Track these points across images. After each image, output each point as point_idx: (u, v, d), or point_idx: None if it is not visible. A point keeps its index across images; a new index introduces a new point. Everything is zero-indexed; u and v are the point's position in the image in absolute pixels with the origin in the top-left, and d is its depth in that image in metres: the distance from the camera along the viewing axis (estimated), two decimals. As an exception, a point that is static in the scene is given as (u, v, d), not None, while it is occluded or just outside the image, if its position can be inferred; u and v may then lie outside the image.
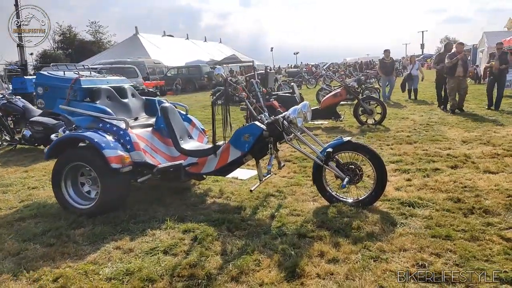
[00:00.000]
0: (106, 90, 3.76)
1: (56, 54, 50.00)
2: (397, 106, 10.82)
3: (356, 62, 16.37)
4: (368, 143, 5.94)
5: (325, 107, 7.88)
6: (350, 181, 3.31)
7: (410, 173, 4.36)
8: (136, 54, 31.99)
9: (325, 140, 6.51)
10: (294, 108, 3.29)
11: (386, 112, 7.75)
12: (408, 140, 6.15)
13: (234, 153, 3.44)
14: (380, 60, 12.80)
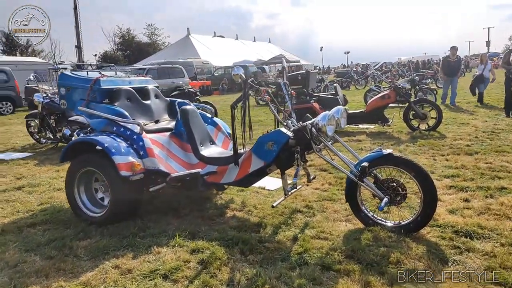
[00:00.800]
0: (127, 91, 3.55)
1: (116, 55, 52.98)
2: (457, 110, 9.76)
3: (409, 61, 15.12)
4: (417, 154, 5.26)
5: (371, 110, 7.21)
6: (390, 201, 2.79)
7: (468, 191, 3.69)
8: (187, 55, 32.85)
9: (368, 147, 5.90)
10: (325, 114, 2.83)
11: (442, 117, 6.91)
12: (467, 150, 5.35)
13: (257, 163, 3.06)
14: (444, 58, 11.18)
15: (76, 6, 17.84)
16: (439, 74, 18.39)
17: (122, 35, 56.34)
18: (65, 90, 3.53)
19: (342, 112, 3.05)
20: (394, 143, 6.06)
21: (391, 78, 9.62)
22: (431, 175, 2.81)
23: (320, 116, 2.82)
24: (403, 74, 20.72)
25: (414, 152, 5.43)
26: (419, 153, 5.41)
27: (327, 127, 2.77)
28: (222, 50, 45.05)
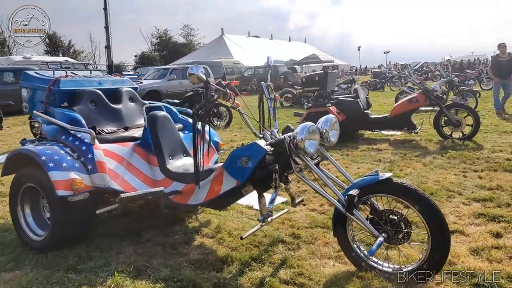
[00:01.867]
0: (91, 94, 3.13)
1: (152, 56, 54.23)
2: (501, 116, 8.64)
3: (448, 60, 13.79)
4: (445, 169, 4.48)
5: (397, 115, 6.41)
6: (388, 240, 2.15)
7: (502, 222, 2.94)
8: (220, 55, 32.78)
9: (388, 158, 5.17)
10: (304, 125, 2.23)
11: (479, 125, 5.99)
12: (507, 165, 4.49)
13: (229, 182, 2.51)
14: (493, 57, 9.69)
15: (106, 7, 18.13)
16: (485, 75, 16.92)
17: (159, 36, 57.54)
18: (26, 92, 3.17)
19: (333, 123, 2.44)
20: (420, 154, 5.27)
21: (421, 80, 8.66)
22: (458, 197, 2.14)
23: (299, 128, 2.23)
24: (443, 75, 19.22)
25: (442, 166, 4.64)
26: (447, 167, 4.62)
27: (306, 142, 2.18)
28: (255, 50, 44.74)
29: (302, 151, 2.18)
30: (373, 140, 6.55)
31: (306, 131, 2.17)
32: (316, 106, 6.63)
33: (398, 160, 5.04)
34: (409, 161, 4.99)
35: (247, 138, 7.27)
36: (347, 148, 5.91)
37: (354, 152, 5.61)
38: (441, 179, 4.17)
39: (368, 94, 17.05)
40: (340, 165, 4.95)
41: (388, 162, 4.99)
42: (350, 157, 5.38)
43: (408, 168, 4.68)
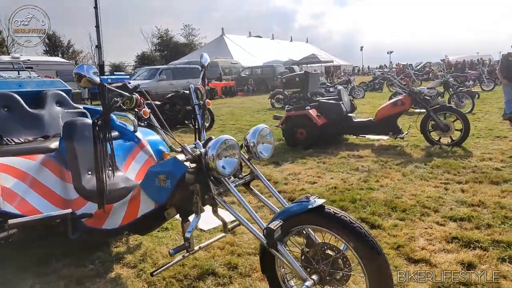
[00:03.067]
0: (3, 97, 2.72)
1: (153, 56, 54.03)
2: (494, 118, 8.16)
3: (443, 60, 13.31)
4: (425, 180, 4.03)
5: (381, 118, 5.97)
6: (322, 282, 1.72)
7: (477, 249, 2.51)
8: (221, 55, 32.39)
9: (367, 167, 4.72)
10: (218, 139, 1.80)
11: (469, 129, 5.53)
12: (494, 176, 4.04)
13: (146, 204, 2.10)
14: (504, 57, 8.36)
15: (97, 5, 17.85)
16: (486, 76, 16.38)
17: (160, 36, 57.39)
18: None
19: (264, 135, 2.02)
20: (402, 162, 4.83)
21: (406, 81, 8.19)
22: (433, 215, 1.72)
23: (212, 142, 1.80)
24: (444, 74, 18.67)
25: (422, 177, 4.20)
26: (428, 178, 4.18)
27: (217, 162, 1.75)
28: (256, 50, 44.40)
29: (215, 171, 1.76)
30: (356, 145, 6.11)
31: (219, 147, 1.75)
32: (296, 109, 6.20)
33: (376, 169, 4.60)
34: (389, 170, 4.55)
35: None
36: (326, 154, 5.48)
37: (332, 159, 5.18)
38: (419, 192, 3.73)
39: (364, 95, 16.66)
40: (313, 174, 4.57)
41: (366, 171, 4.55)
42: (327, 165, 4.94)
43: (386, 178, 4.24)
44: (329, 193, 3.79)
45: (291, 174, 4.56)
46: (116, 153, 2.77)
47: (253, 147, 1.93)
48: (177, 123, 8.76)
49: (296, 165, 5.00)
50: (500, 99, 12.20)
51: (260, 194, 2.07)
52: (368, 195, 3.65)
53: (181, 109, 8.62)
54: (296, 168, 4.81)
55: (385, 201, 3.47)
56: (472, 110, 9.28)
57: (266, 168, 4.88)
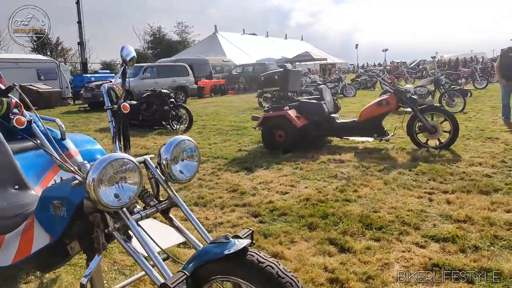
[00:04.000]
0: None
1: (145, 54, 53.37)
2: (486, 117, 7.80)
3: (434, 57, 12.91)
4: (409, 189, 3.63)
5: (366, 119, 5.57)
6: None
7: (460, 281, 2.12)
8: (213, 52, 31.94)
9: (346, 173, 4.30)
10: (101, 161, 1.33)
11: (458, 131, 5.15)
12: (484, 185, 3.66)
13: (40, 237, 1.65)
14: (503, 52, 7.44)
15: (79, 1, 17.32)
16: (479, 74, 16.02)
17: (153, 33, 56.75)
18: None
19: (183, 149, 1.57)
20: (385, 168, 4.43)
21: (392, 79, 7.79)
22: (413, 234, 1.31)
23: (95, 164, 1.33)
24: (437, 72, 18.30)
25: (406, 185, 3.81)
26: (412, 186, 3.78)
27: (100, 191, 1.29)
28: (250, 48, 43.93)
29: (98, 202, 1.30)
30: (339, 148, 5.70)
31: (102, 170, 1.29)
32: (274, 109, 5.79)
33: (357, 176, 4.20)
34: (370, 177, 4.15)
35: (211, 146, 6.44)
36: (305, 158, 5.08)
37: (310, 165, 4.77)
38: (400, 204, 3.34)
39: (356, 93, 16.27)
40: (286, 182, 4.15)
41: (345, 179, 4.15)
42: (303, 171, 4.53)
43: (365, 187, 3.84)
44: (299, 206, 3.38)
45: (263, 182, 4.15)
46: (31, 167, 2.34)
47: (166, 166, 1.49)
48: (154, 124, 8.32)
49: (270, 171, 4.59)
50: (493, 97, 11.89)
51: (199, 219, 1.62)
52: (342, 209, 3.25)
53: (158, 109, 8.17)
54: (269, 175, 4.40)
55: (361, 216, 3.07)
56: (463, 109, 8.92)
57: (237, 175, 4.46)
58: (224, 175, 4.46)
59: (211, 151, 5.79)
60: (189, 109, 8.12)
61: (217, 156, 5.43)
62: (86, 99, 13.47)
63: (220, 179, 4.32)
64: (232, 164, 4.99)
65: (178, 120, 8.11)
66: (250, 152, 5.68)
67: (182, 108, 8.13)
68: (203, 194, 3.77)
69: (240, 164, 4.95)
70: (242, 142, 6.46)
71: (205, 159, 5.29)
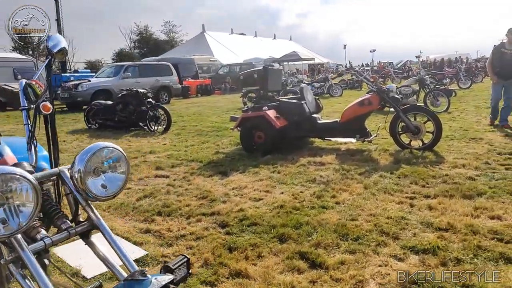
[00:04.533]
0: None
1: (131, 53, 52.59)
2: (470, 117, 7.69)
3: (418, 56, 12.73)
4: (390, 193, 3.43)
5: (347, 120, 5.37)
6: None
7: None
8: (201, 52, 31.58)
9: (326, 177, 4.08)
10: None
11: (441, 132, 4.98)
12: (467, 188, 3.48)
13: None
14: (496, 48, 6.77)
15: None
16: (463, 74, 16.04)
17: (139, 33, 56.04)
18: None
19: (104, 159, 1.29)
20: (366, 171, 4.23)
21: (374, 78, 7.63)
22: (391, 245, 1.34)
23: None
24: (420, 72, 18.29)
25: (386, 189, 3.60)
26: (393, 191, 3.58)
27: None
28: (238, 48, 43.66)
29: None
30: (321, 150, 5.48)
31: None
32: (253, 109, 5.54)
33: (336, 180, 3.98)
34: (350, 181, 3.94)
35: (187, 149, 6.17)
36: (284, 161, 4.84)
37: (289, 168, 4.54)
38: (379, 210, 3.12)
39: (342, 93, 16.13)
40: (262, 187, 3.90)
41: (323, 183, 3.93)
42: (281, 175, 4.30)
43: (344, 192, 3.63)
44: (272, 214, 3.14)
45: (236, 187, 3.90)
46: None
47: (79, 180, 1.21)
48: (131, 125, 7.99)
49: (246, 175, 4.34)
50: (477, 96, 11.87)
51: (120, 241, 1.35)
52: (318, 217, 3.02)
53: (135, 110, 7.85)
54: (244, 180, 4.15)
55: (337, 225, 2.85)
56: (448, 109, 8.82)
57: (210, 180, 4.20)
58: (196, 180, 4.20)
59: (186, 154, 5.52)
60: (167, 109, 7.81)
61: (191, 159, 5.16)
62: (63, 99, 13.01)
63: (191, 184, 4.05)
64: (207, 167, 4.73)
65: (156, 121, 7.80)
66: (227, 155, 5.42)
67: (160, 108, 7.82)
68: (170, 201, 3.50)
69: (215, 168, 4.69)
70: (221, 144, 6.20)
71: (179, 163, 5.01)
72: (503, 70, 6.53)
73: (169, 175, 4.48)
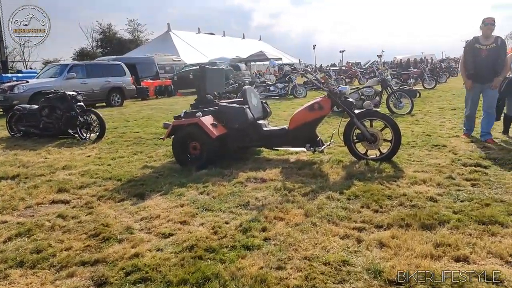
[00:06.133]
0: None
1: (94, 52, 50.26)
2: (434, 120, 7.21)
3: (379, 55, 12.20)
4: (335, 223, 2.69)
5: (296, 127, 4.65)
6: None
7: None
8: (166, 51, 30.39)
9: (262, 199, 3.32)
10: None
11: (400, 140, 4.36)
12: (426, 215, 2.82)
13: None
14: (469, 45, 5.35)
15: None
16: (427, 74, 15.86)
17: (102, 31, 53.90)
18: None
19: None
20: (311, 191, 3.51)
21: (324, 79, 6.99)
22: None
23: None
24: (380, 72, 18.07)
25: (331, 218, 2.89)
26: (338, 219, 2.88)
27: None
28: (206, 48, 42.69)
29: None
30: (267, 162, 4.74)
31: None
32: (187, 115, 4.72)
33: (274, 204, 3.24)
34: (290, 205, 3.21)
35: (112, 162, 5.25)
36: (219, 177, 4.06)
37: (222, 187, 3.76)
38: (317, 251, 2.40)
39: (307, 94, 15.54)
40: (178, 217, 3.12)
41: (256, 209, 3.17)
42: (209, 197, 3.51)
43: (280, 221, 2.89)
44: (175, 261, 2.34)
45: (147, 218, 3.07)
46: None
47: None
48: (59, 133, 6.96)
49: (166, 199, 3.52)
50: (441, 97, 11.56)
51: None
52: (235, 265, 2.25)
53: (62, 115, 6.82)
54: (161, 206, 3.33)
55: (256, 279, 2.09)
56: (411, 111, 8.35)
57: (117, 207, 3.34)
58: (100, 208, 3.33)
59: (107, 170, 4.62)
60: (100, 114, 6.83)
61: (109, 177, 4.27)
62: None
63: (91, 214, 3.19)
64: (123, 188, 3.86)
65: (88, 128, 6.81)
66: (156, 170, 4.57)
67: (92, 113, 6.83)
68: (46, 243, 2.62)
69: (133, 188, 3.84)
70: (155, 156, 5.34)
71: (91, 182, 4.12)
72: (478, 72, 5.19)
73: (70, 199, 3.58)
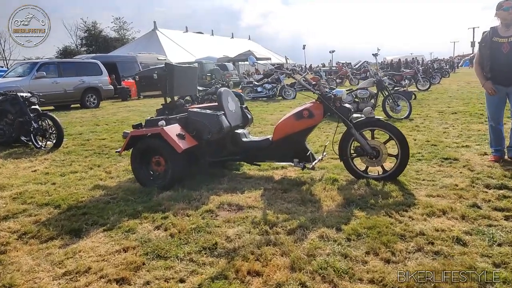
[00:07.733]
0: None
1: (78, 51, 48.83)
2: (436, 126, 6.46)
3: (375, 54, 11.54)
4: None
5: (281, 138, 3.83)
6: None
7: None
8: (152, 50, 29.60)
9: (234, 241, 2.47)
10: None
11: (408, 156, 3.57)
12: (460, 263, 2.01)
13: None
14: (483, 40, 4.03)
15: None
16: (421, 75, 15.16)
17: (87, 29, 52.55)
18: None
19: None
20: (300, 226, 2.69)
21: (316, 79, 6.17)
22: None
23: None
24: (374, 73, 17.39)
25: (326, 274, 2.07)
26: (337, 276, 2.06)
27: None
28: (193, 47, 41.83)
29: None
30: (245, 181, 3.90)
31: None
32: (148, 124, 3.86)
33: (248, 248, 2.40)
34: (272, 249, 2.38)
35: (59, 180, 4.35)
36: (185, 202, 3.22)
37: (186, 218, 2.92)
38: None
39: (296, 96, 14.74)
40: (117, 270, 1.75)
41: (225, 256, 2.34)
42: (166, 235, 2.66)
43: (256, 279, 2.07)
44: None
45: (71, 273, 2.20)
46: None
47: None
48: (11, 141, 6.01)
49: (108, 238, 2.65)
50: (438, 100, 10.82)
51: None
52: None
53: (14, 120, 5.88)
54: (98, 250, 2.46)
55: None
56: (409, 115, 7.61)
57: (43, 250, 2.46)
58: (14, 253, 2.45)
59: (47, 191, 3.73)
60: (57, 119, 5.91)
61: (45, 203, 3.38)
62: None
63: (-5, 266, 2.30)
64: (57, 219, 2.98)
65: (43, 135, 5.89)
66: (109, 191, 3.70)
67: (48, 118, 5.91)
68: None
69: (70, 220, 2.96)
70: (113, 170, 4.46)
71: (21, 210, 3.23)
72: (501, 71, 3.93)
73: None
